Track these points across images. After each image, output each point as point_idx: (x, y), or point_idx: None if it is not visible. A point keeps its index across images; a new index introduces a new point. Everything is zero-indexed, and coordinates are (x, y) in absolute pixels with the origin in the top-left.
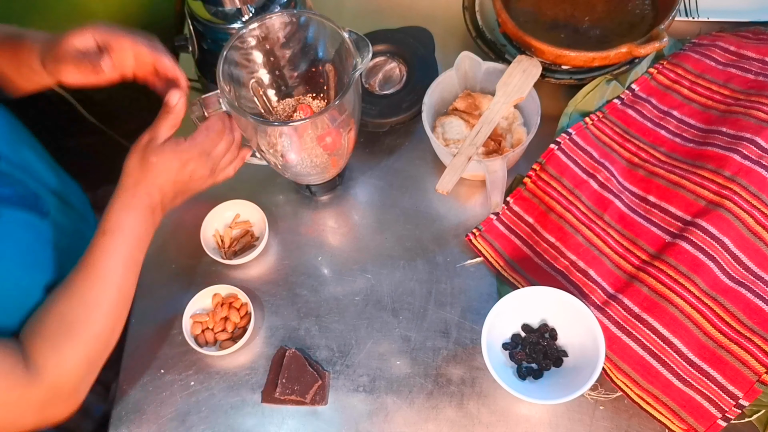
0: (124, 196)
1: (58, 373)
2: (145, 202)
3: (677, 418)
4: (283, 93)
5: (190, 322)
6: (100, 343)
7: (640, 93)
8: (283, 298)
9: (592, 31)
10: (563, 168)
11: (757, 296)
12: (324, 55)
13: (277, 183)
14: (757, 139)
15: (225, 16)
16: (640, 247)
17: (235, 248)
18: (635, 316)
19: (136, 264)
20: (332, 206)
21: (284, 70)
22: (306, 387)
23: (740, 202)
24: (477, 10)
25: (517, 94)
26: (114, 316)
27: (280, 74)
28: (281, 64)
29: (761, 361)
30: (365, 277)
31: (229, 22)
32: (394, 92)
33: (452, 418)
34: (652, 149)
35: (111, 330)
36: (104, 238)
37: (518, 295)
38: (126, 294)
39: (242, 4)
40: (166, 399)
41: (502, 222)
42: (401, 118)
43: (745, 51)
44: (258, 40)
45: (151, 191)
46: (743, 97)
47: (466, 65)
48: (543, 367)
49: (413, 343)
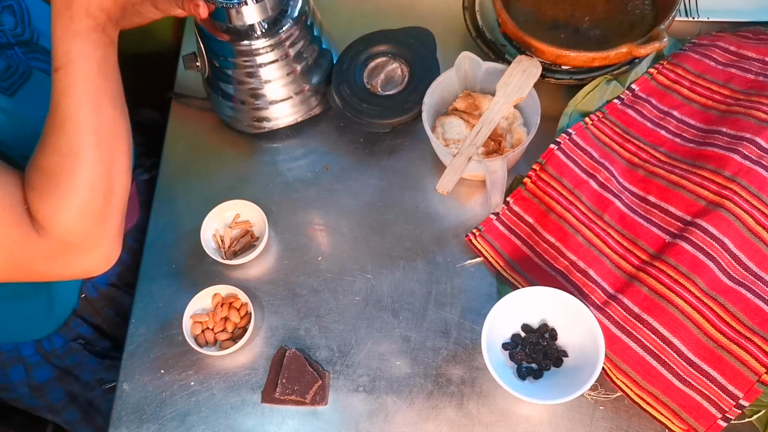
0: (61, 23)
1: (54, 223)
2: (88, 24)
3: (677, 418)
4: None
5: (190, 322)
6: (95, 191)
7: (640, 93)
8: (283, 298)
9: (592, 31)
10: (563, 168)
11: (757, 296)
12: None
13: (277, 183)
14: (757, 139)
15: (237, 32)
16: (640, 247)
17: (235, 248)
18: (635, 316)
19: (105, 94)
20: (332, 206)
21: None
22: (306, 387)
23: (740, 202)
24: (477, 10)
25: (517, 94)
26: (100, 159)
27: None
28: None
29: (761, 361)
30: (365, 277)
31: (241, 39)
32: (396, 93)
33: (452, 418)
34: (652, 149)
35: (104, 175)
36: (57, 75)
37: (518, 295)
38: (107, 132)
39: (255, 20)
40: (166, 399)
41: (502, 222)
42: (404, 118)
43: (745, 51)
44: None
45: (90, 10)
46: (743, 97)
47: (466, 65)
48: (543, 367)
49: (413, 343)
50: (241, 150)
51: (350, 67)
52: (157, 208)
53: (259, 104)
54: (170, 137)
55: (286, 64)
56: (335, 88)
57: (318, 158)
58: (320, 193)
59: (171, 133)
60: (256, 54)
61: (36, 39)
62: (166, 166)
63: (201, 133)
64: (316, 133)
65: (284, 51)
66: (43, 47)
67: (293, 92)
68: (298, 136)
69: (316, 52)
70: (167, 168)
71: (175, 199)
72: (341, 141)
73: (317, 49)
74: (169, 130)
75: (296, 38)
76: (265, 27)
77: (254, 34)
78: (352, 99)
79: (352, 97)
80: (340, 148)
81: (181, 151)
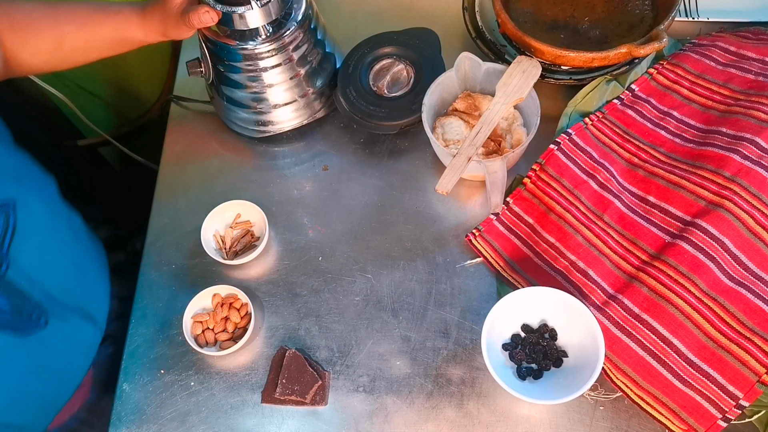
0: None
1: None
2: None
3: (677, 418)
4: None
5: (191, 322)
6: None
7: (639, 93)
8: (283, 298)
9: (592, 31)
10: (563, 168)
11: (757, 296)
12: None
13: (277, 183)
14: (757, 140)
15: (241, 36)
16: (639, 248)
17: (236, 248)
18: (635, 316)
19: None
20: (332, 206)
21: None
22: (306, 387)
23: (740, 202)
24: (477, 11)
25: (517, 94)
26: None
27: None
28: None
29: (761, 361)
30: (365, 277)
31: (245, 42)
32: (402, 94)
33: (452, 419)
34: (651, 149)
35: None
36: None
37: (518, 296)
38: None
39: (259, 24)
40: (166, 399)
41: (502, 222)
42: (412, 119)
43: (745, 51)
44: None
45: None
46: (743, 98)
47: (465, 66)
48: (543, 367)
49: (413, 343)
50: (242, 151)
51: (356, 69)
52: (157, 209)
53: (263, 108)
54: (170, 138)
55: (289, 68)
56: (341, 91)
57: (318, 159)
58: (320, 193)
59: (171, 134)
60: (259, 58)
61: (4, 270)
62: (166, 166)
63: (201, 134)
64: (316, 133)
65: (288, 55)
66: (8, 282)
67: (297, 96)
68: (298, 137)
69: (319, 55)
70: (167, 168)
71: (175, 199)
72: (341, 141)
73: (321, 53)
74: (169, 131)
75: (300, 42)
76: (269, 30)
77: (258, 38)
78: (359, 102)
79: (359, 100)
80: (340, 148)
81: (181, 152)
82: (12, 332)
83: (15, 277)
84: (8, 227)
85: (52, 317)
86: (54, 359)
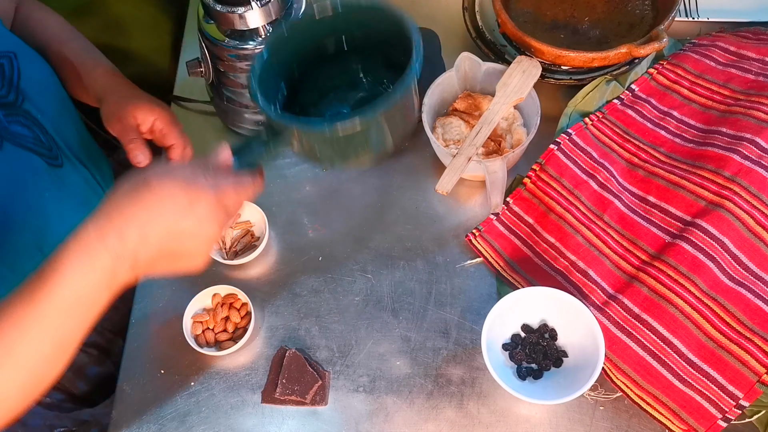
0: (86, 232)
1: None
2: (112, 248)
3: (677, 418)
4: None
5: (191, 322)
6: None
7: (639, 93)
8: (283, 298)
9: (592, 31)
10: (563, 168)
11: (757, 296)
12: None
13: (277, 183)
14: (757, 140)
15: (241, 36)
16: (640, 248)
17: (236, 248)
18: (635, 316)
19: (60, 336)
20: (332, 206)
21: None
22: (306, 387)
23: (740, 202)
24: (477, 11)
25: (517, 94)
26: None
27: None
28: None
29: (761, 361)
30: (365, 277)
31: (245, 42)
32: None
33: (452, 419)
34: (651, 149)
35: None
36: (34, 282)
37: (518, 296)
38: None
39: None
40: (166, 399)
41: (502, 222)
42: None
43: (745, 51)
44: None
45: (126, 232)
46: (743, 98)
47: (466, 66)
48: (543, 367)
49: (413, 343)
50: None
51: None
52: None
53: None
54: None
55: None
56: None
57: None
58: (320, 193)
59: None
60: None
61: (20, 102)
62: None
63: (201, 134)
64: None
65: None
66: (26, 111)
67: None
68: None
69: None
70: None
71: None
72: None
73: None
74: None
75: None
76: (269, 31)
77: (258, 38)
78: None
79: None
80: None
81: None
82: (39, 158)
83: (32, 109)
84: (14, 69)
85: (65, 161)
86: (70, 201)
